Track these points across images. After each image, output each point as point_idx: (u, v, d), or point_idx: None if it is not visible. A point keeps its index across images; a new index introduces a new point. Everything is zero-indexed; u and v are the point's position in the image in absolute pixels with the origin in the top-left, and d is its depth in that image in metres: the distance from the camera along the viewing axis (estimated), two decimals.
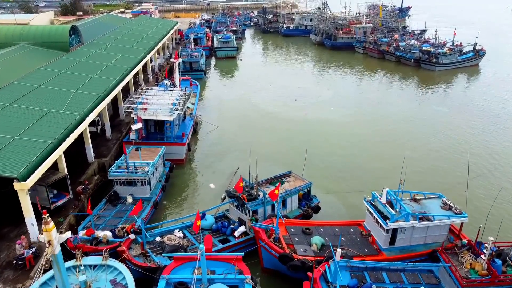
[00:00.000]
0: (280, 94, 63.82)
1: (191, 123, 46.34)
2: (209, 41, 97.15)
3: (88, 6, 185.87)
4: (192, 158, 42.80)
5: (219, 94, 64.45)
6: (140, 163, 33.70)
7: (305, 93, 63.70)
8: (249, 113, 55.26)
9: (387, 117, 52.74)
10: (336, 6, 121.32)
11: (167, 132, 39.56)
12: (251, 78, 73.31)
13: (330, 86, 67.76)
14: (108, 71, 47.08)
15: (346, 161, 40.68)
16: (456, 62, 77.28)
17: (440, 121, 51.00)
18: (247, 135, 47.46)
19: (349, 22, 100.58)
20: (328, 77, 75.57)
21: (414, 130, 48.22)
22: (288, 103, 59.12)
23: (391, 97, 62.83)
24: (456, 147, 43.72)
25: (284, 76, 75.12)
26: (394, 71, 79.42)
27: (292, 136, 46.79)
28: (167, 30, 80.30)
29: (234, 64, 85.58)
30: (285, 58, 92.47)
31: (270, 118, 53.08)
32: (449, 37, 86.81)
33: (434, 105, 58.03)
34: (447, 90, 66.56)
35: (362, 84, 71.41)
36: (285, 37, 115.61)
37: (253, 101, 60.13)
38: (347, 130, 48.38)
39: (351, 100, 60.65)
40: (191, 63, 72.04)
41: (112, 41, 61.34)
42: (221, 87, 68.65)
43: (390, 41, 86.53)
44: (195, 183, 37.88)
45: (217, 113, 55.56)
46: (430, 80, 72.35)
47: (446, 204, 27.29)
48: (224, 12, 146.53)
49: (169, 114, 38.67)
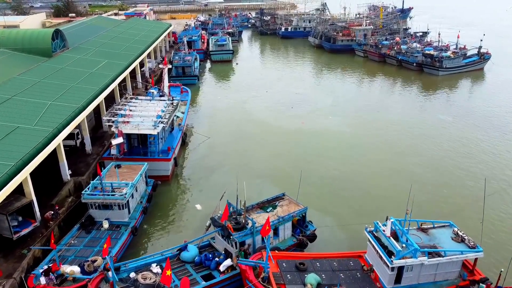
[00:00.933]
0: (277, 100, 60.74)
1: (179, 135, 43.25)
2: (204, 43, 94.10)
3: (83, 8, 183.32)
4: (179, 173, 39.69)
5: (212, 101, 61.36)
6: (118, 183, 30.59)
7: (302, 100, 60.61)
8: (243, 122, 52.15)
9: (388, 127, 49.63)
10: (335, 7, 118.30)
11: (151, 147, 36.44)
12: (246, 83, 70.23)
13: (328, 92, 64.68)
14: (91, 78, 44.01)
15: (344, 178, 37.54)
16: (460, 66, 74.19)
17: (445, 132, 47.82)
18: (239, 148, 44.37)
19: (349, 24, 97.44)
20: (327, 82, 72.50)
21: (418, 143, 45.04)
22: (284, 111, 56.02)
23: (393, 103, 59.72)
24: (465, 162, 40.44)
25: (281, 81, 72.04)
26: (395, 75, 76.34)
27: (288, 149, 43.69)
28: (159, 33, 77.27)
29: (229, 68, 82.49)
30: (282, 61, 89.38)
31: (264, 128, 49.98)
32: (452, 39, 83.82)
33: (438, 113, 54.92)
34: (451, 96, 63.45)
35: (362, 89, 68.34)
36: (283, 39, 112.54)
37: (247, 109, 57.03)
38: (346, 142, 45.25)
39: (351, 107, 57.55)
40: (183, 68, 68.94)
41: (99, 46, 58.27)
42: (215, 93, 65.55)
43: (392, 44, 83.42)
44: (180, 203, 34.76)
45: (209, 122, 52.46)
46: (433, 85, 69.26)
47: (458, 235, 24.17)
48: (221, 13, 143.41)
49: (152, 127, 35.56)
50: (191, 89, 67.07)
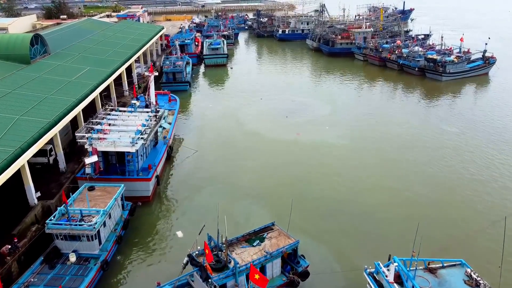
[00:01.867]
0: (271, 108, 57.49)
1: (163, 149, 39.98)
2: (198, 47, 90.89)
3: (78, 9, 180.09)
4: (162, 192, 36.42)
5: (203, 109, 58.08)
6: (88, 210, 27.37)
7: (298, 108, 57.36)
8: (234, 133, 48.91)
9: (389, 140, 46.35)
10: (334, 8, 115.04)
11: (129, 165, 33.17)
12: (240, 90, 66.98)
13: (326, 99, 61.40)
14: (68, 88, 40.80)
15: (342, 200, 34.20)
16: (464, 71, 70.92)
17: (451, 147, 44.40)
18: (228, 163, 41.11)
19: (348, 27, 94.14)
20: (325, 88, 69.22)
21: (421, 160, 41.49)
22: (279, 120, 52.76)
23: (394, 112, 56.44)
24: (477, 187, 36.39)
25: (276, 87, 68.77)
26: (396, 80, 73.11)
27: (281, 165, 40.42)
28: (150, 36, 74.05)
29: (223, 73, 79.23)
30: (279, 65, 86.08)
31: (257, 140, 46.72)
32: (454, 41, 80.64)
33: (442, 123, 51.62)
34: (456, 103, 60.14)
35: (362, 96, 65.06)
36: (280, 42, 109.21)
37: (240, 118, 53.76)
38: (344, 158, 41.92)
39: (349, 116, 54.28)
40: (174, 73, 65.64)
41: (83, 51, 55.06)
42: (207, 100, 62.29)
43: (392, 47, 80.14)
44: (161, 228, 31.49)
45: (198, 133, 49.21)
46: (436, 92, 66.01)
47: (471, 278, 20.95)
48: (217, 15, 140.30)
49: (130, 144, 32.31)
50: (182, 96, 63.99)
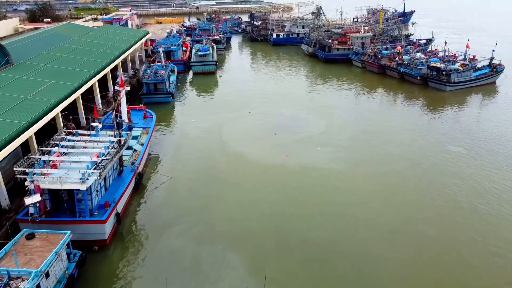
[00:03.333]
0: (260, 124, 52.36)
1: (129, 178, 34.82)
2: (186, 52, 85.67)
3: (69, 11, 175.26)
4: (123, 232, 31.25)
5: (185, 125, 52.91)
6: (17, 271, 22.25)
7: (289, 123, 52.25)
8: (215, 155, 43.76)
9: (388, 165, 41.12)
10: (331, 11, 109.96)
11: (79, 205, 28.03)
12: (228, 101, 61.83)
13: (320, 113, 56.23)
14: (23, 107, 35.72)
15: (332, 242, 29.09)
16: (470, 81, 65.73)
17: (459, 172, 39.26)
18: (204, 194, 35.98)
19: (345, 31, 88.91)
20: (319, 99, 63.97)
21: (426, 192, 35.94)
22: (266, 138, 47.63)
23: (393, 129, 51.18)
24: (483, 228, 31.68)
25: (267, 97, 63.60)
26: (397, 89, 67.95)
27: (264, 196, 35.27)
28: (131, 43, 68.89)
29: (212, 82, 74.07)
30: (272, 73, 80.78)
31: (239, 163, 41.58)
32: (458, 46, 75.66)
33: (447, 141, 46.43)
34: (461, 117, 54.88)
35: (359, 109, 59.82)
36: (274, 47, 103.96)
37: (224, 136, 48.62)
38: (336, 187, 36.68)
39: (345, 133, 49.12)
40: (155, 84, 60.45)
41: (52, 60, 49.99)
42: (190, 114, 57.05)
43: (392, 54, 74.93)
44: (117, 281, 26.37)
45: (176, 155, 44.07)
46: (439, 103, 60.88)
47: None
48: (210, 17, 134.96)
49: (79, 181, 27.16)
50: (164, 108, 59.15)
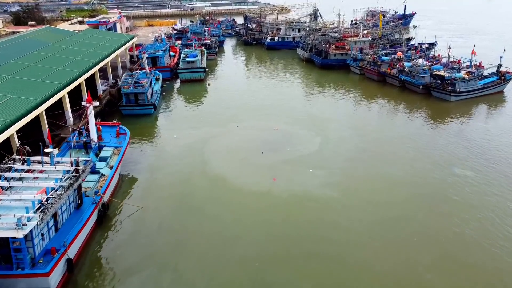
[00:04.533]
0: (247, 140, 47.70)
1: (89, 211, 30.15)
2: (175, 58, 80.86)
3: (59, 12, 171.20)
4: (77, 281, 26.55)
5: (164, 142, 48.22)
6: None
7: (279, 139, 47.55)
8: (194, 178, 39.09)
9: (389, 191, 36.48)
10: (329, 13, 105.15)
11: (16, 255, 23.35)
12: (215, 113, 57.14)
13: (314, 127, 51.51)
14: None
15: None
16: (477, 90, 61.02)
17: (467, 203, 34.55)
18: (176, 229, 31.31)
19: (343, 35, 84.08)
20: (314, 110, 59.11)
21: (431, 226, 31.61)
22: (253, 158, 42.96)
23: (394, 147, 46.37)
24: (497, 272, 27.18)
25: (258, 108, 58.86)
26: (397, 99, 63.25)
27: (245, 233, 30.60)
28: (113, 49, 64.20)
29: (200, 90, 69.36)
30: (264, 80, 75.93)
31: (221, 189, 36.90)
32: (462, 51, 71.04)
33: (454, 162, 41.71)
34: (468, 132, 50.09)
35: (356, 121, 55.05)
36: (269, 51, 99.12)
37: (206, 154, 43.94)
38: (329, 222, 31.96)
39: (340, 152, 44.40)
40: (136, 95, 55.73)
41: (17, 71, 45.44)
42: (172, 128, 52.35)
43: (393, 60, 70.17)
44: None
45: (149, 179, 39.37)
46: (444, 115, 56.21)
47: None
48: (204, 19, 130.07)
49: (15, 227, 22.48)
50: (145, 121, 54.61)
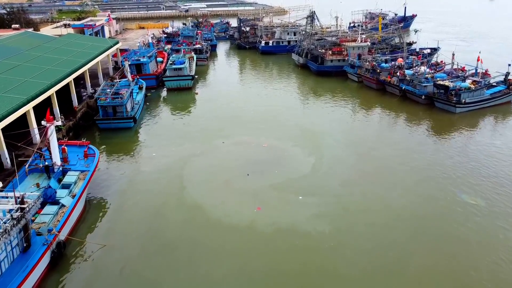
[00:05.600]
0: (232, 159, 43.35)
1: (38, 255, 25.76)
2: (163, 64, 76.36)
3: (50, 14, 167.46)
4: None
5: (140, 161, 43.87)
6: None
7: (268, 159, 43.19)
8: (168, 207, 34.68)
9: (388, 224, 32.14)
10: (326, 15, 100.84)
11: None
12: (200, 126, 52.77)
13: (306, 143, 47.13)
14: None
15: None
16: (483, 101, 56.60)
17: (476, 241, 30.23)
18: (141, 275, 26.90)
19: (340, 40, 79.61)
20: (307, 122, 54.60)
21: (436, 267, 27.46)
22: (237, 181, 38.61)
23: (394, 168, 41.87)
24: None
25: (247, 121, 54.45)
26: (398, 110, 58.85)
27: (221, 279, 26.19)
28: (92, 56, 59.82)
29: (187, 99, 64.98)
30: (256, 88, 71.34)
31: (197, 223, 32.49)
32: (466, 56, 66.93)
33: (461, 186, 37.32)
34: (476, 151, 45.34)
35: (353, 135, 50.60)
36: (263, 56, 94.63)
37: (185, 177, 39.55)
38: (320, 266, 27.55)
39: (334, 175, 39.99)
40: (114, 107, 51.34)
41: None
42: (151, 145, 47.91)
43: (393, 67, 65.74)
44: None
45: (117, 209, 34.92)
46: (448, 129, 51.87)
47: None
48: (198, 22, 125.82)
49: None
50: (124, 136, 50.36)
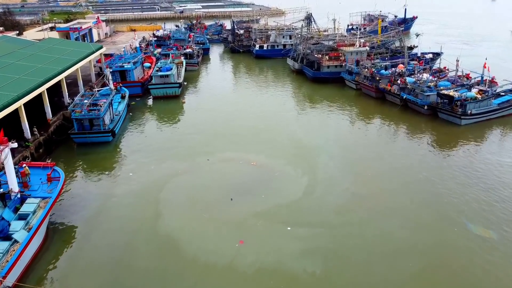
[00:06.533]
0: (215, 179, 39.29)
1: None
2: (150, 70, 72.20)
3: (42, 15, 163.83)
4: None
5: (115, 181, 39.79)
6: None
7: (256, 180, 39.10)
8: (138, 239, 30.61)
9: (387, 266, 28.09)
10: (323, 17, 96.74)
11: None
12: (184, 140, 48.75)
13: (299, 161, 43.06)
14: None
15: None
16: (491, 111, 52.54)
17: (489, 281, 26.22)
18: None
19: (337, 44, 75.47)
20: (302, 135, 50.44)
21: None
22: (219, 207, 34.55)
23: (393, 191, 37.86)
24: None
25: (237, 133, 50.35)
26: (398, 121, 54.77)
27: None
28: (71, 63, 55.71)
29: (173, 109, 60.89)
30: (248, 96, 67.15)
31: (170, 259, 28.41)
32: (470, 61, 63.05)
33: (468, 216, 33.20)
34: (484, 170, 41.00)
35: (350, 151, 46.43)
36: (257, 60, 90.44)
37: (161, 203, 35.46)
38: None
39: (329, 200, 35.90)
40: (91, 120, 47.25)
41: None
42: (129, 162, 43.75)
43: (393, 75, 61.64)
44: None
45: (81, 239, 30.85)
46: (453, 143, 47.85)
47: None
48: (192, 24, 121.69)
49: None
50: (98, 153, 46.28)
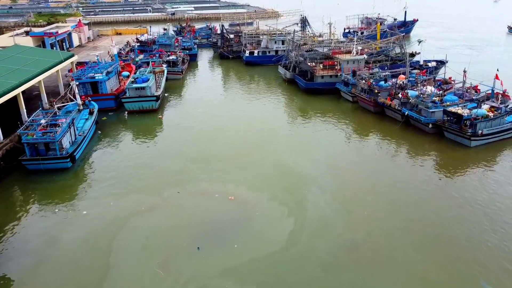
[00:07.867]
0: (184, 220, 33.15)
1: None
2: (127, 80, 65.83)
3: (28, 17, 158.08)
4: None
5: (64, 220, 33.59)
6: None
7: (233, 220, 33.02)
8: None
9: None
10: (318, 21, 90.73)
11: None
12: (154, 166, 42.59)
13: (285, 196, 36.91)
14: None
15: None
16: (504, 131, 46.45)
17: None
18: None
19: (332, 52, 69.29)
20: (291, 164, 44.09)
21: None
22: (181, 260, 28.43)
23: (393, 235, 31.89)
24: None
25: (215, 159, 44.15)
26: (399, 141, 48.72)
27: None
28: (32, 74, 49.58)
29: (149, 125, 54.69)
30: (235, 111, 60.52)
31: None
32: (476, 68, 57.41)
33: (482, 272, 27.23)
34: (499, 206, 35.04)
35: (344, 183, 40.11)
36: (247, 67, 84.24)
37: (112, 253, 29.35)
38: None
39: (316, 251, 29.75)
40: (46, 144, 40.98)
41: None
42: (84, 196, 37.45)
43: (394, 87, 55.51)
44: None
45: None
46: (461, 169, 41.84)
47: None
48: (181, 27, 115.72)
49: None
50: (55, 181, 40.12)
